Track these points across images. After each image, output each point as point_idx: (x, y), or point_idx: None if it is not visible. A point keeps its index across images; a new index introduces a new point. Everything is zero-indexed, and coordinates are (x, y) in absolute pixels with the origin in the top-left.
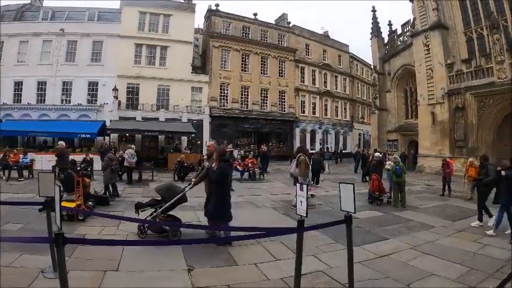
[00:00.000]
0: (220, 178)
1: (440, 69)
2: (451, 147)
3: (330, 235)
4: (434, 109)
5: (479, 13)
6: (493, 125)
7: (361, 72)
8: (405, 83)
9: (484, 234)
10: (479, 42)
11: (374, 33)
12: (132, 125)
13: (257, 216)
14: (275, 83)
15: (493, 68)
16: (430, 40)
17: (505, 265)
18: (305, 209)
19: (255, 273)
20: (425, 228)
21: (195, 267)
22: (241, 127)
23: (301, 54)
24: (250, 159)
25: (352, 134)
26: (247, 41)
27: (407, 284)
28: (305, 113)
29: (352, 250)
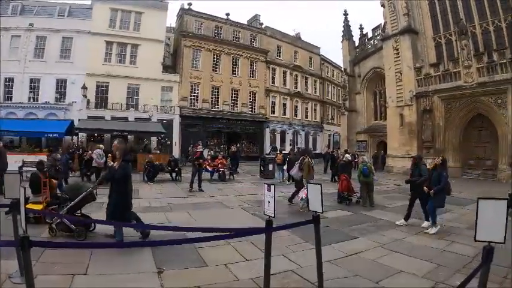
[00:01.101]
0: (120, 178)
1: (409, 73)
2: (419, 148)
3: (299, 235)
4: (403, 111)
5: (449, 19)
6: (460, 127)
7: (332, 74)
8: (374, 85)
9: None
10: (448, 47)
11: (345, 36)
12: (101, 124)
13: (226, 216)
14: (246, 84)
15: (460, 72)
16: (400, 44)
17: (472, 261)
18: (273, 209)
19: (225, 274)
20: (394, 227)
21: (165, 269)
22: (211, 127)
23: (273, 55)
24: (220, 160)
25: (322, 134)
26: (219, 41)
27: (376, 282)
28: (275, 114)
29: (320, 249)
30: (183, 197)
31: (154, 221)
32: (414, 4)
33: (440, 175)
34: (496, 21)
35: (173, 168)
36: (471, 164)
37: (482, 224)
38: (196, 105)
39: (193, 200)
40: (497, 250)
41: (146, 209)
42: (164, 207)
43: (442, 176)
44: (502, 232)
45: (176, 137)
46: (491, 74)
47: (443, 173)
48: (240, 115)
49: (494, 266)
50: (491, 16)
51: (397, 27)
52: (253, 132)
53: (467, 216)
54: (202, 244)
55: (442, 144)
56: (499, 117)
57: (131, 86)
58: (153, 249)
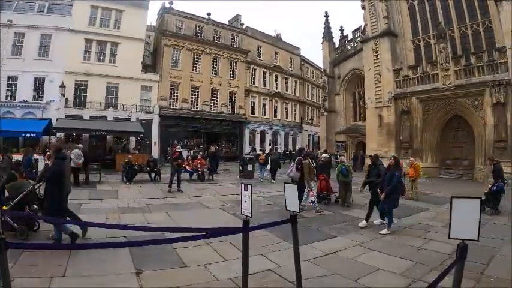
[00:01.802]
0: (52, 176)
1: (388, 74)
2: (397, 149)
3: (278, 234)
4: (382, 112)
5: (428, 23)
6: (437, 128)
7: (312, 75)
8: (354, 86)
9: (428, 230)
10: (426, 50)
11: (326, 38)
12: (79, 124)
13: (206, 217)
14: (226, 84)
15: (438, 74)
16: (380, 46)
17: (448, 258)
18: (249, 209)
19: (204, 274)
20: (371, 226)
21: (143, 270)
22: (191, 127)
23: (253, 55)
24: (199, 160)
25: (302, 135)
26: (199, 41)
27: (354, 280)
28: (255, 114)
29: (298, 248)
30: (162, 198)
31: (133, 222)
32: (394, 7)
33: (393, 175)
34: (474, 25)
35: (152, 169)
36: (448, 164)
37: (456, 222)
38: (175, 105)
39: (172, 200)
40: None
41: (125, 210)
42: (143, 208)
43: (395, 176)
44: (475, 230)
45: (155, 137)
46: (469, 77)
47: (396, 173)
48: (219, 115)
49: (470, 262)
50: (469, 20)
51: (377, 30)
52: (232, 132)
53: (444, 215)
54: (181, 245)
55: (420, 145)
56: (475, 119)
57: (110, 85)
58: (131, 250)
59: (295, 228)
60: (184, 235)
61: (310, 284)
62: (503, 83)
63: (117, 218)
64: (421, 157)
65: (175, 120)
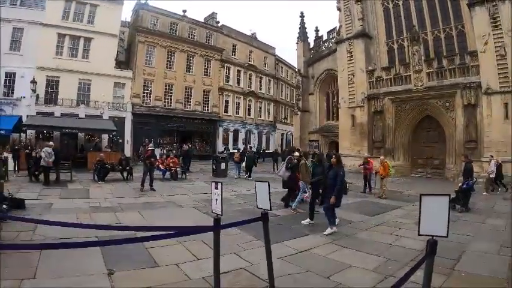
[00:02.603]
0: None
1: (361, 75)
2: (370, 148)
3: (251, 233)
4: (355, 112)
5: (402, 26)
6: (409, 128)
7: (286, 74)
8: (328, 86)
9: (399, 227)
10: (400, 52)
11: (300, 38)
12: (50, 121)
13: (178, 216)
14: (200, 82)
15: (411, 76)
16: (354, 47)
17: (419, 254)
18: (220, 207)
19: (177, 274)
20: (344, 223)
21: (115, 270)
22: (164, 125)
23: (228, 54)
24: (172, 159)
25: (275, 134)
26: (174, 38)
27: (327, 277)
28: (229, 113)
29: (269, 246)
30: (135, 197)
31: (104, 221)
32: (369, 10)
33: (337, 174)
34: (447, 29)
35: (124, 167)
36: (420, 163)
37: (426, 219)
38: (149, 102)
39: (145, 199)
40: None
41: (96, 209)
42: (115, 208)
43: (339, 175)
44: (444, 226)
45: (128, 135)
46: (441, 79)
47: (340, 172)
48: (193, 114)
49: (441, 258)
50: (443, 24)
51: (351, 31)
52: (206, 131)
53: (415, 213)
54: (153, 244)
55: (392, 144)
56: (447, 119)
57: (83, 81)
58: (103, 250)
59: (267, 226)
60: (155, 234)
61: (283, 282)
62: (474, 85)
63: (88, 218)
64: (393, 156)
65: (149, 118)
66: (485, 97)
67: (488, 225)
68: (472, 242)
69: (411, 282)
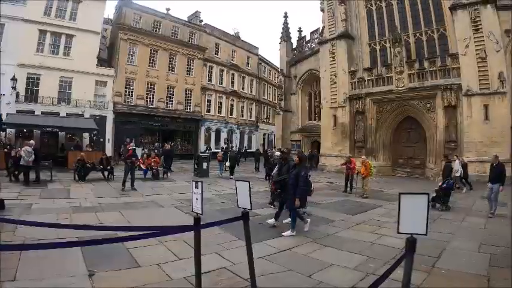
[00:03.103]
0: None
1: (343, 76)
2: (351, 148)
3: (232, 232)
4: (336, 112)
5: (385, 28)
6: (390, 128)
7: (269, 74)
8: (310, 86)
9: (381, 225)
10: (382, 53)
11: (284, 38)
12: (30, 119)
13: (160, 216)
14: (182, 81)
15: (392, 77)
16: (336, 48)
17: (400, 252)
18: (200, 206)
19: (158, 274)
20: (326, 222)
21: (96, 271)
22: (146, 124)
23: (211, 53)
24: (154, 158)
25: (257, 133)
26: (157, 36)
27: (308, 275)
28: (211, 112)
29: (250, 246)
30: (116, 197)
31: (85, 221)
32: (353, 11)
33: (298, 174)
34: (429, 31)
35: (105, 167)
36: (401, 162)
37: (405, 217)
38: (130, 101)
39: (126, 199)
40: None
41: (77, 210)
42: (95, 208)
43: (300, 176)
44: (423, 225)
45: (109, 134)
46: (422, 80)
47: (302, 172)
48: (175, 113)
49: (422, 256)
50: (425, 27)
51: (334, 32)
52: (188, 130)
53: (396, 211)
54: (135, 244)
55: (374, 144)
56: (427, 120)
57: (64, 79)
58: (83, 251)
59: (247, 225)
60: (136, 234)
61: (264, 281)
62: (454, 87)
63: (68, 218)
64: (374, 156)
65: (130, 117)
66: (465, 99)
67: (468, 223)
68: (452, 240)
69: (392, 280)
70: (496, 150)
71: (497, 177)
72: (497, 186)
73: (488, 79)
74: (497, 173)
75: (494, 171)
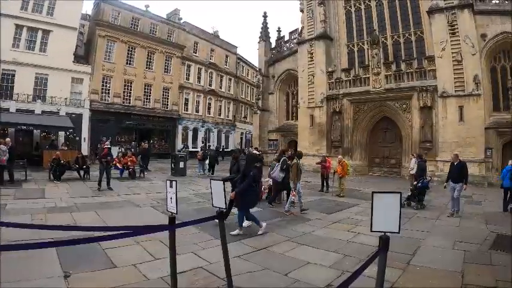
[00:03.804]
0: None
1: (321, 76)
2: (328, 147)
3: (209, 232)
4: (314, 112)
5: (363, 29)
6: (367, 128)
7: (247, 73)
8: (288, 86)
9: (357, 224)
10: (360, 54)
11: (262, 38)
12: (4, 117)
13: (136, 215)
14: (160, 79)
15: (369, 78)
16: (315, 48)
17: (376, 250)
18: (175, 206)
19: (134, 274)
20: (302, 221)
21: (72, 272)
22: (122, 123)
23: (189, 51)
24: (130, 157)
25: (235, 133)
26: (135, 34)
27: (285, 274)
28: (188, 111)
29: (226, 245)
30: (91, 196)
31: (61, 222)
32: (332, 12)
33: (247, 173)
34: (406, 34)
35: (81, 166)
36: (377, 162)
37: (378, 216)
38: (107, 99)
39: (102, 199)
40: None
41: (52, 210)
42: (71, 208)
43: (249, 175)
44: (396, 223)
45: (85, 133)
46: (398, 82)
47: (251, 171)
48: (152, 111)
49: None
50: (402, 29)
51: (313, 33)
52: (165, 129)
53: None
54: (110, 245)
55: (350, 144)
56: (403, 121)
57: (39, 75)
58: (59, 253)
59: (223, 224)
60: (110, 234)
61: (241, 280)
62: (430, 88)
63: (43, 219)
64: (351, 156)
65: (107, 115)
66: (441, 100)
67: (442, 221)
68: (427, 238)
69: (368, 277)
70: (470, 150)
71: (459, 176)
72: (460, 185)
73: (463, 81)
74: (458, 172)
75: (455, 170)
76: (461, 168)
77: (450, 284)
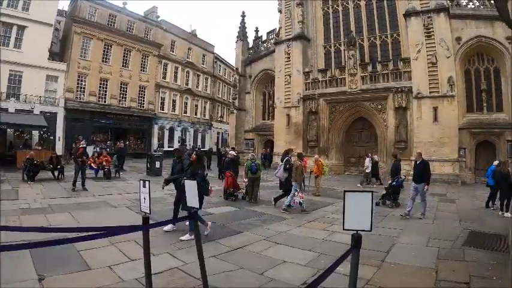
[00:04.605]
0: None
1: (298, 76)
2: (304, 147)
3: (184, 232)
4: (290, 112)
5: (340, 31)
6: (343, 128)
7: (224, 73)
8: (264, 86)
9: (332, 222)
10: (336, 55)
11: (240, 37)
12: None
13: (111, 216)
14: (136, 78)
15: (345, 79)
16: (292, 49)
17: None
18: (148, 206)
19: (110, 276)
20: (278, 221)
21: (46, 275)
22: (98, 122)
23: (166, 50)
24: (105, 157)
25: (211, 132)
26: (112, 31)
27: (260, 273)
28: (164, 110)
29: (201, 245)
30: (66, 197)
31: (35, 223)
32: (310, 13)
33: (194, 173)
34: (383, 36)
35: (55, 166)
36: (353, 161)
37: (350, 215)
38: (82, 97)
39: (77, 200)
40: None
41: (25, 211)
42: (45, 209)
43: (197, 175)
44: (368, 221)
45: (60, 132)
46: (374, 83)
47: (198, 170)
48: (128, 110)
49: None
50: (379, 31)
51: (290, 33)
52: (141, 128)
53: None
54: (85, 246)
55: (326, 143)
56: (378, 121)
57: (13, 72)
58: (33, 255)
59: (196, 224)
60: (83, 235)
61: (217, 279)
62: (405, 89)
63: (17, 221)
64: (327, 155)
65: (82, 114)
66: (415, 101)
67: (416, 219)
68: (402, 235)
69: (343, 275)
70: (444, 150)
71: (421, 175)
72: (422, 186)
73: (438, 83)
74: (420, 171)
75: (417, 169)
76: (423, 167)
77: (424, 280)
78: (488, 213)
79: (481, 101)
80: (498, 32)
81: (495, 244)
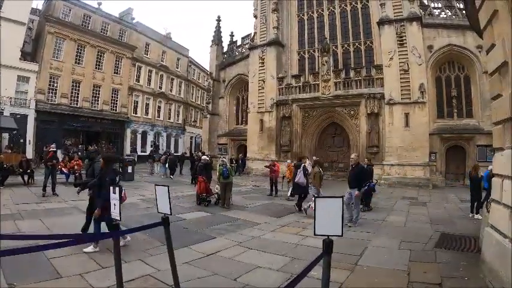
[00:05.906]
0: None
1: (272, 81)
2: (277, 152)
3: (158, 238)
4: (263, 117)
5: (314, 37)
6: (315, 133)
7: (198, 77)
8: (238, 91)
9: (305, 227)
10: (310, 61)
11: (215, 42)
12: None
13: (83, 222)
14: (109, 80)
15: (319, 85)
16: (266, 54)
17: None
18: (118, 212)
19: (81, 284)
20: (251, 225)
21: (16, 284)
22: (69, 125)
23: (140, 52)
24: (77, 161)
25: (184, 137)
26: (86, 32)
27: (234, 279)
28: (137, 114)
29: (172, 251)
30: (36, 203)
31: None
32: (285, 19)
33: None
34: (356, 43)
35: (25, 170)
36: (326, 166)
37: (321, 220)
38: (54, 99)
39: (47, 205)
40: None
41: None
42: (14, 215)
43: (105, 181)
44: (339, 226)
45: (30, 135)
46: (347, 89)
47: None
48: (100, 113)
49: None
50: (353, 39)
51: (265, 38)
52: (114, 132)
53: None
54: (56, 254)
55: (299, 148)
56: (351, 126)
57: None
58: (2, 263)
59: (168, 230)
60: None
61: (190, 286)
62: (378, 96)
63: None
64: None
65: (53, 116)
66: (387, 107)
67: (388, 222)
68: (374, 239)
69: (317, 279)
70: (416, 154)
71: (355, 180)
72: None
73: (409, 89)
74: (354, 176)
75: (351, 174)
76: (358, 173)
77: (397, 282)
78: (459, 216)
79: (452, 107)
80: (469, 41)
81: (466, 245)
